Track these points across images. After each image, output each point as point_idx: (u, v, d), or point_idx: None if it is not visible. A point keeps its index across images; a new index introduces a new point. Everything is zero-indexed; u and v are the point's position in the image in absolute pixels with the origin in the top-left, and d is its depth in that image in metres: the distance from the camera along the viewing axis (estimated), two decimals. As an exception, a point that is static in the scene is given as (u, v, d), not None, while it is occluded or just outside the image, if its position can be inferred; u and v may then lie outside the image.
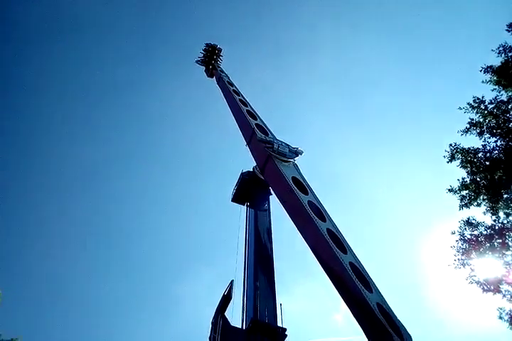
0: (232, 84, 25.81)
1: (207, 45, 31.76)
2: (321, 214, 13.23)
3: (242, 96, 23.83)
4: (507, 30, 15.40)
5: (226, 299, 13.35)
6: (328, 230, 12.32)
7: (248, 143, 18.61)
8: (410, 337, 9.59)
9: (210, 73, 30.35)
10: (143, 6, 62.18)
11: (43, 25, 59.96)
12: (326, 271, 11.37)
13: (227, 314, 13.02)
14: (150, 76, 64.07)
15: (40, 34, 59.99)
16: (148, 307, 48.74)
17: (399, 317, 9.94)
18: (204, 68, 31.16)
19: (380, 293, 10.61)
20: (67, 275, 48.85)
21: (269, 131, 19.44)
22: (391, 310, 10.08)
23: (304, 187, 14.58)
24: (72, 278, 48.42)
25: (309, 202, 13.53)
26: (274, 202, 17.58)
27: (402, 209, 51.72)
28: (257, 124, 19.51)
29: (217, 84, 27.44)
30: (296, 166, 16.46)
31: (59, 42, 60.58)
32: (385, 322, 9.36)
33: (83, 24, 59.09)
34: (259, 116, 21.02)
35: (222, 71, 29.04)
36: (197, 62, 31.50)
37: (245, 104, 22.42)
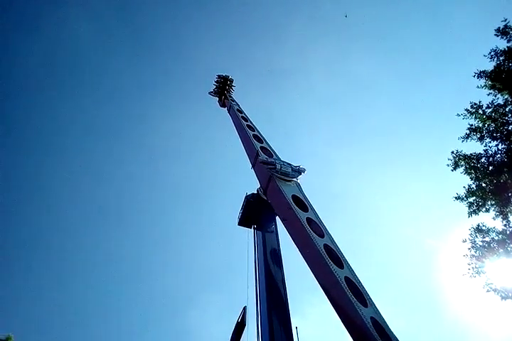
0: (241, 111, 26.66)
1: (218, 76, 33.05)
2: (320, 229, 13.22)
3: (250, 121, 24.52)
4: (496, 34, 15.30)
5: (240, 326, 13.16)
6: (325, 245, 12.29)
7: (253, 166, 18.98)
8: None
9: (222, 103, 31.46)
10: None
11: (42, 68, 64.11)
12: (322, 287, 11.24)
13: (242, 341, 12.92)
14: (149, 110, 66.69)
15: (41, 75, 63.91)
16: (159, 337, 48.44)
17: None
18: (217, 99, 32.39)
19: (376, 307, 10.32)
20: (78, 305, 49.76)
21: (275, 153, 19.80)
22: (386, 325, 9.77)
23: (304, 205, 14.65)
24: (82, 309, 49.09)
25: (308, 218, 13.59)
26: (281, 222, 17.59)
27: (409, 221, 50.39)
28: (262, 147, 19.94)
29: (228, 112, 28.41)
30: (298, 185, 16.60)
31: (63, 82, 64.45)
32: (378, 336, 9.09)
33: (84, 62, 63.20)
34: (265, 140, 21.48)
35: (233, 100, 30.04)
36: (210, 93, 32.71)
37: (252, 128, 23.01)
